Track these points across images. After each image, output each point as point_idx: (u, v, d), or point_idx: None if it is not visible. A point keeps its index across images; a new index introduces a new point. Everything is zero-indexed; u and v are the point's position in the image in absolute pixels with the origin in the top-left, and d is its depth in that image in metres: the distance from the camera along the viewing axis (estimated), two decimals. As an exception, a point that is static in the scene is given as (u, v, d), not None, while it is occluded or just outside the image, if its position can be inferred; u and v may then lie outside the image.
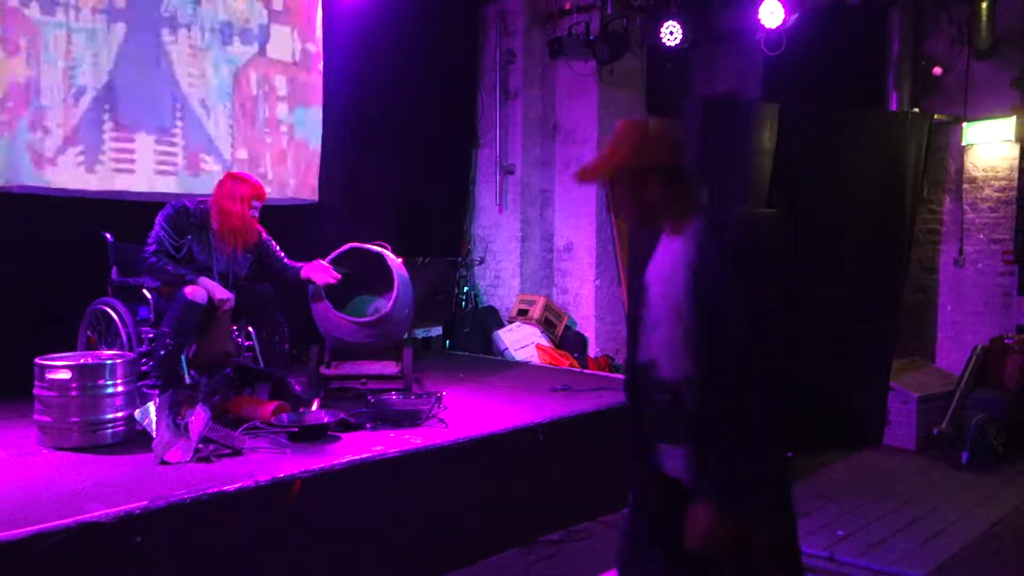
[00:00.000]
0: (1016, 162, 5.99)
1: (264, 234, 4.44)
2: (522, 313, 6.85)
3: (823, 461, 5.35)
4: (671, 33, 6.27)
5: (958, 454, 5.34)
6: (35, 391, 3.52)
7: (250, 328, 4.48)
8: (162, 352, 3.92)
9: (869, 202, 5.82)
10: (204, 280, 4.07)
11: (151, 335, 4.09)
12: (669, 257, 2.02)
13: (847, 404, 5.72)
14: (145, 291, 4.18)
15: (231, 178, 4.28)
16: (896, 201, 5.88)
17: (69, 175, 4.79)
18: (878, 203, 5.84)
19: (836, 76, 6.21)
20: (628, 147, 1.98)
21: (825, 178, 5.75)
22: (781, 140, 5.55)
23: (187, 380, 3.98)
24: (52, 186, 4.73)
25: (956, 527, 4.27)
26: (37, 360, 3.54)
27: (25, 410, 3.68)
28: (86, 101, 4.85)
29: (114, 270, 4.30)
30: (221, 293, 4.09)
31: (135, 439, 3.54)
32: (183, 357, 4.04)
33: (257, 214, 4.27)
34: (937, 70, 6.18)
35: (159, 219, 4.12)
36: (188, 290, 3.98)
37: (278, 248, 4.50)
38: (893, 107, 6.16)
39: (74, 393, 3.47)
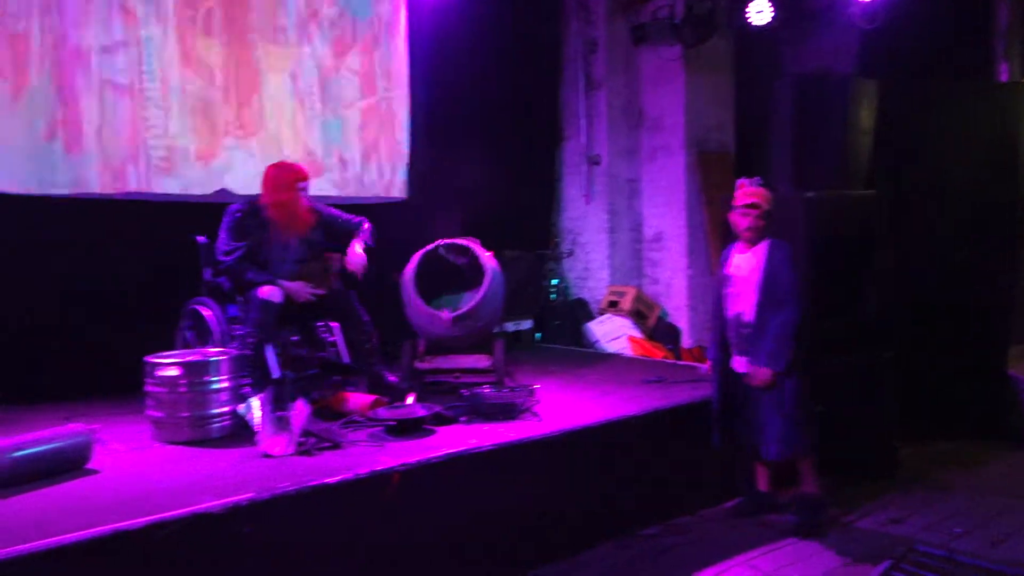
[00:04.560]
0: None
1: (324, 210, 4.48)
2: (612, 305, 6.78)
3: (938, 453, 5.08)
4: (759, 12, 6.06)
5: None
6: (146, 388, 3.68)
7: (332, 324, 4.55)
8: (248, 352, 4.00)
9: (979, 178, 5.52)
10: (283, 283, 4.14)
11: (240, 332, 4.20)
12: (745, 259, 3.88)
13: (960, 393, 5.43)
14: None
15: (275, 168, 4.31)
16: (1008, 177, 5.55)
17: (176, 181, 5.01)
18: (989, 179, 5.54)
19: (939, 49, 5.89)
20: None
21: (930, 156, 5.48)
22: (881, 118, 5.31)
23: (275, 375, 4.06)
24: (158, 191, 4.96)
25: (1088, 523, 3.99)
26: (147, 359, 3.69)
27: (140, 406, 3.83)
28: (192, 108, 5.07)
29: (207, 271, 4.44)
30: (304, 297, 4.18)
31: (239, 433, 3.66)
32: (273, 352, 4.13)
33: (307, 195, 4.31)
34: (1053, 36, 5.78)
35: (223, 226, 4.19)
36: (263, 290, 4.05)
37: (336, 211, 4.53)
38: (1003, 78, 5.80)
39: (183, 389, 3.61)
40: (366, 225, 4.51)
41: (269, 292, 4.06)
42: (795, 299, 3.73)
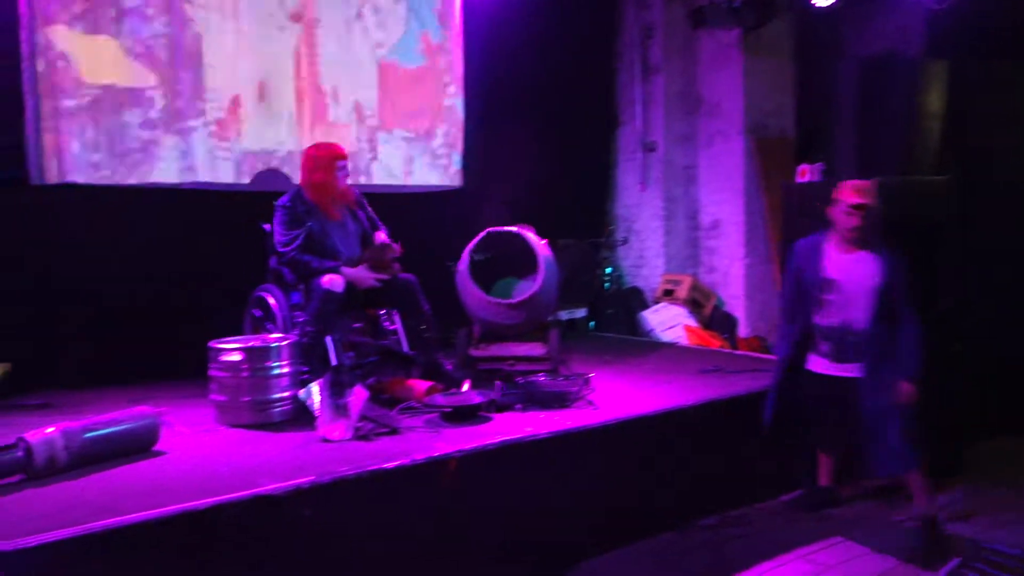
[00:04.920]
0: None
1: (358, 193, 4.53)
2: (667, 293, 6.70)
3: (1004, 450, 4.90)
4: (824, -8, 5.90)
5: None
6: (210, 372, 3.77)
7: (394, 314, 4.59)
8: (305, 341, 4.03)
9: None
10: (346, 270, 4.16)
11: (301, 320, 4.24)
12: (853, 263, 3.64)
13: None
14: None
15: (312, 149, 4.39)
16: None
17: (233, 171, 5.12)
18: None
19: (1010, 28, 5.63)
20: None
21: (1003, 139, 5.28)
22: (951, 101, 5.12)
23: (334, 362, 4.10)
24: (223, 182, 5.07)
25: None
26: (211, 344, 3.78)
27: (204, 390, 3.91)
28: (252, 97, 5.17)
29: (272, 259, 4.51)
30: (368, 283, 4.20)
31: (299, 417, 3.72)
32: (332, 340, 4.18)
33: (345, 174, 4.34)
34: None
35: (276, 221, 4.23)
36: (325, 280, 4.05)
37: (370, 209, 4.56)
38: (1081, 57, 5.54)
39: (245, 374, 3.69)
40: (383, 228, 4.55)
41: (331, 281, 4.05)
42: (912, 308, 3.60)
